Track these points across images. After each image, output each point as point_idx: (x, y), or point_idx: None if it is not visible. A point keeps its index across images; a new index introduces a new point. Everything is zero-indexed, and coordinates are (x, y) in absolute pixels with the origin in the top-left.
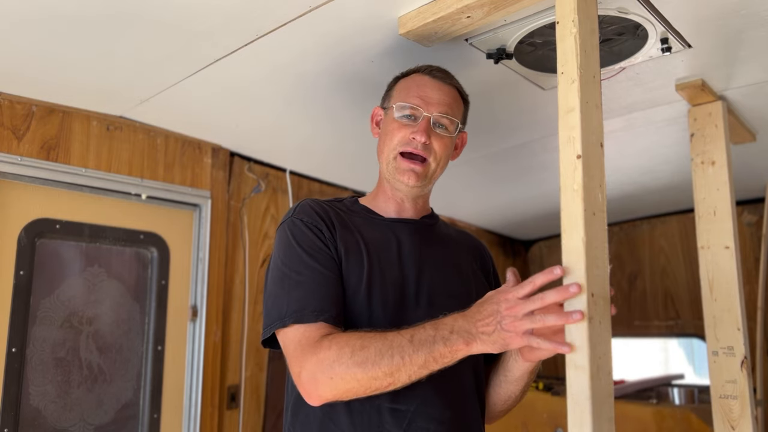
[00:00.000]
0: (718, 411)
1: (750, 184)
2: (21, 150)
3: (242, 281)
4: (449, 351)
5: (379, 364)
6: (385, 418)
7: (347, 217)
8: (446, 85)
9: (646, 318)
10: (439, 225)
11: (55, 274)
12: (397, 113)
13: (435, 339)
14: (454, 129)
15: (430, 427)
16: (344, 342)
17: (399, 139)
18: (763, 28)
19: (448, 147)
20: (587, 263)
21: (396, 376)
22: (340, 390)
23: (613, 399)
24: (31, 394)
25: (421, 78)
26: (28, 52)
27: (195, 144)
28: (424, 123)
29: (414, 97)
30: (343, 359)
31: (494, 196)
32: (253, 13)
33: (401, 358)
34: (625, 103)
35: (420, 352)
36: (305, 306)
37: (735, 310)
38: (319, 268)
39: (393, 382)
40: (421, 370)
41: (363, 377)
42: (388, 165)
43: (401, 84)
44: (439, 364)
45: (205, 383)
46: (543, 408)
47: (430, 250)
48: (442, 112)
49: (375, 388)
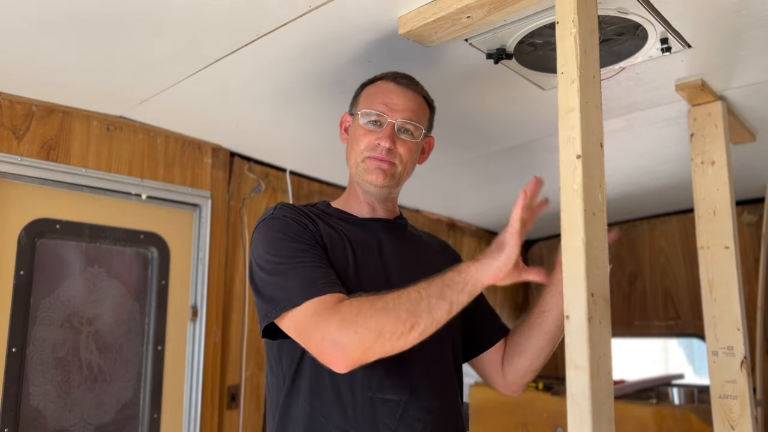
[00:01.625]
0: (718, 411)
1: (750, 184)
2: (21, 150)
3: (242, 281)
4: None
5: (400, 306)
6: (378, 409)
7: (325, 217)
8: (411, 92)
9: (646, 318)
10: (408, 226)
11: (55, 274)
12: (362, 119)
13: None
14: (419, 134)
15: (421, 416)
16: (363, 299)
17: (365, 145)
18: (763, 28)
19: (413, 152)
20: (587, 263)
21: (419, 315)
22: (368, 343)
23: (613, 399)
24: (31, 394)
25: (386, 85)
26: (28, 52)
27: (195, 144)
28: (388, 129)
29: (379, 104)
30: (365, 309)
31: (494, 196)
32: (253, 13)
33: (419, 294)
34: (625, 103)
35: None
36: (313, 282)
37: (735, 310)
38: (312, 251)
39: (415, 323)
40: (441, 302)
41: (387, 321)
42: (357, 168)
43: (367, 91)
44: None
45: (205, 383)
46: (543, 408)
47: (406, 248)
48: (407, 118)
49: (400, 333)
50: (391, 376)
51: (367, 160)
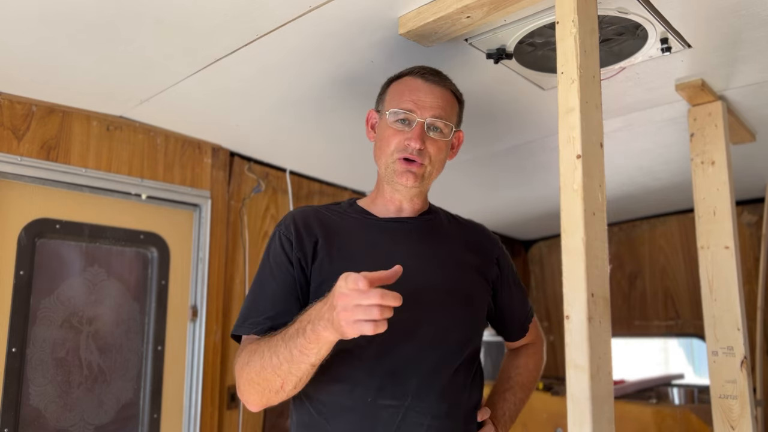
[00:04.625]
0: (717, 411)
1: (750, 184)
2: (21, 150)
3: (242, 281)
4: (308, 342)
5: (266, 367)
6: (379, 414)
7: (341, 220)
8: (439, 88)
9: (646, 318)
10: (436, 220)
11: (55, 274)
12: (390, 118)
13: (297, 332)
14: (449, 132)
15: (425, 421)
16: (250, 348)
17: (395, 146)
18: (763, 28)
19: (443, 150)
20: (587, 263)
21: (281, 375)
22: (253, 394)
23: (613, 399)
24: (31, 394)
25: (413, 81)
26: (28, 52)
27: (195, 144)
28: (417, 129)
29: (407, 102)
30: (245, 366)
31: (494, 196)
32: (253, 13)
33: (278, 357)
34: (624, 103)
35: (288, 347)
36: (248, 315)
37: (735, 310)
38: (273, 284)
39: (283, 383)
40: (296, 366)
41: (259, 380)
42: (387, 169)
43: (394, 87)
44: (307, 356)
45: (205, 383)
46: (543, 408)
47: (423, 247)
48: (436, 116)
49: (276, 389)
50: (392, 380)
51: (398, 162)
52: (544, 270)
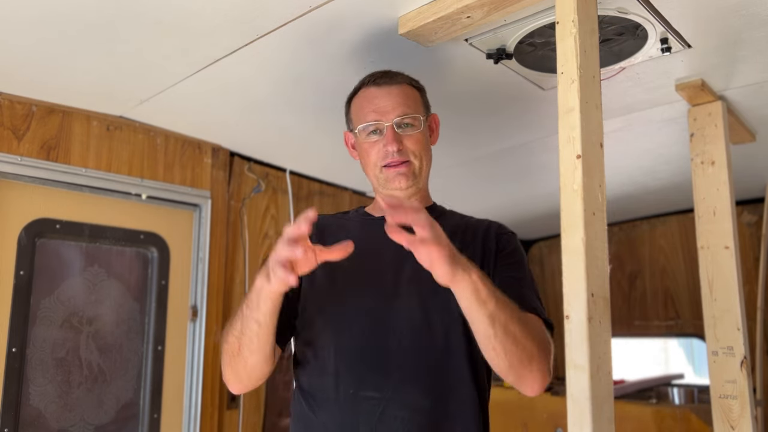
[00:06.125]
0: (717, 411)
1: (750, 184)
2: (21, 150)
3: (242, 281)
4: (251, 293)
5: (228, 332)
6: (361, 406)
7: (344, 224)
8: (394, 87)
9: (646, 318)
10: (439, 219)
11: (55, 274)
12: (362, 135)
13: (249, 290)
14: (420, 123)
15: (405, 415)
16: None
17: (375, 157)
18: (763, 28)
19: (421, 141)
20: (587, 263)
21: (237, 335)
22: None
23: (613, 399)
24: (31, 394)
25: (368, 91)
26: (28, 52)
27: (195, 144)
28: (389, 133)
29: (369, 114)
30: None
31: (494, 196)
32: (253, 13)
33: (236, 319)
34: (624, 103)
35: (241, 307)
36: None
37: (735, 310)
38: None
39: (240, 345)
40: (246, 323)
41: (226, 348)
42: (378, 180)
43: (354, 104)
44: (251, 309)
45: (205, 383)
46: (543, 408)
47: None
48: (400, 114)
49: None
50: (373, 373)
51: (384, 170)
52: (544, 270)
